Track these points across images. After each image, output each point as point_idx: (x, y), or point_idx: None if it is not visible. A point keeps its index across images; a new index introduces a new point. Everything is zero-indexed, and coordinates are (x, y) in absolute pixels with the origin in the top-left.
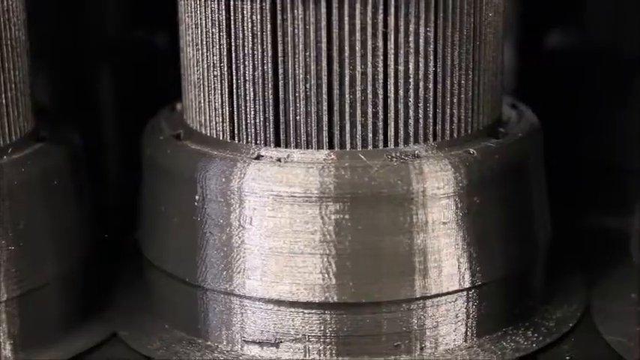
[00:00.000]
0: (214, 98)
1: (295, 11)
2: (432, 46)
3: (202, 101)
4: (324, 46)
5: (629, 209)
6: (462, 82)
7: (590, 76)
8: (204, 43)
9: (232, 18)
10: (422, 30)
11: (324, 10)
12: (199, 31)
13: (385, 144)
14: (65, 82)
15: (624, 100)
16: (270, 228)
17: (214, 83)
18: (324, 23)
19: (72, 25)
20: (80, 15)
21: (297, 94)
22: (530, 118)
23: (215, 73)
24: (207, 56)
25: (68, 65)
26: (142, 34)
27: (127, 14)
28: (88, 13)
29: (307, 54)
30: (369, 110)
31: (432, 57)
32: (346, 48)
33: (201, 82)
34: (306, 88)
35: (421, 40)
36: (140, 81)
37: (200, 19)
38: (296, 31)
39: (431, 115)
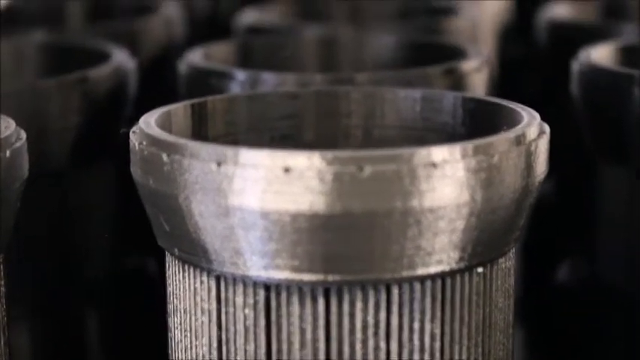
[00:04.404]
0: None
1: (291, 308)
2: (438, 343)
3: None
4: (321, 345)
5: None
6: None
7: (600, 313)
8: (193, 330)
9: (223, 310)
10: (427, 327)
11: (322, 307)
12: (188, 317)
13: None
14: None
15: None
16: None
17: None
18: (322, 322)
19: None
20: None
21: None
22: None
23: None
24: (195, 345)
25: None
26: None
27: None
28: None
29: (304, 353)
30: None
31: (438, 354)
32: (346, 348)
33: None
34: None
35: (426, 338)
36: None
37: (189, 304)
38: (292, 328)
39: None
